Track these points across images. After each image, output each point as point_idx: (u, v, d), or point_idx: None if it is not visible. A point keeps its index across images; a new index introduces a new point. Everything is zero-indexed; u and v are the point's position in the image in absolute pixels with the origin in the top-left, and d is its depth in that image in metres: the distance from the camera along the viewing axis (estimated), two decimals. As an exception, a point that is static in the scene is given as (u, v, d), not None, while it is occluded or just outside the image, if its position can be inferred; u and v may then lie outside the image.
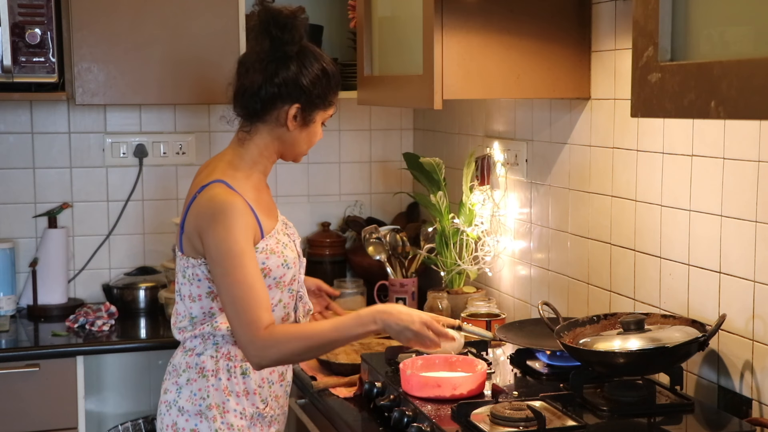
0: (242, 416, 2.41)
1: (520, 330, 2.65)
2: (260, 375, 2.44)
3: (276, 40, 2.42)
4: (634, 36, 1.70)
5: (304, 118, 2.44)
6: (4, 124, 3.62)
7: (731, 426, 2.12)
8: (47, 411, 3.16)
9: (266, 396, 2.46)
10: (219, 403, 2.40)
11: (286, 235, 2.50)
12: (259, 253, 2.36)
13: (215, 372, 2.41)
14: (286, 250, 2.44)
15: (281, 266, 2.40)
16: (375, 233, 3.37)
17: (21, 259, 3.63)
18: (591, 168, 2.73)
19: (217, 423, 2.39)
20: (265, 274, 2.37)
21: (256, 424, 2.45)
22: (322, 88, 2.43)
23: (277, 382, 2.50)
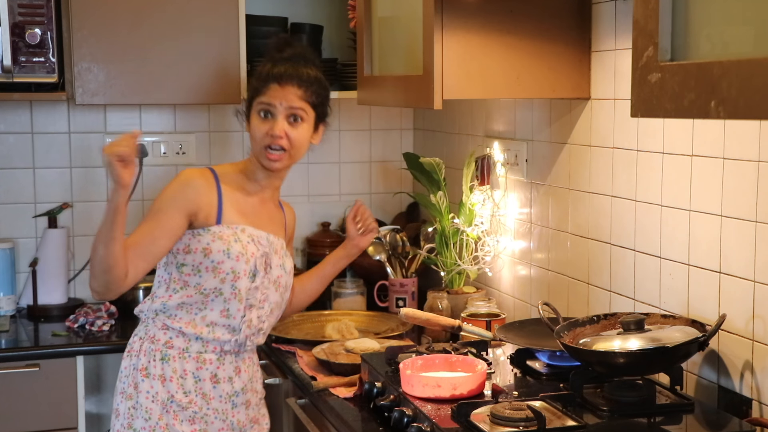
0: (153, 400, 2.54)
1: (520, 330, 2.65)
2: (182, 365, 2.55)
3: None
4: (634, 36, 1.70)
5: (246, 115, 2.65)
6: (4, 124, 3.62)
7: (731, 426, 2.12)
8: (47, 411, 3.16)
9: (190, 389, 2.55)
10: (136, 383, 2.55)
11: (251, 240, 2.57)
12: (208, 234, 2.53)
13: (138, 353, 2.57)
14: (237, 244, 2.54)
15: (221, 252, 2.52)
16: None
17: (21, 259, 3.63)
18: (591, 168, 2.73)
19: (132, 401, 2.55)
20: (206, 254, 2.52)
21: (170, 412, 2.53)
22: (254, 82, 2.64)
23: (207, 380, 2.56)
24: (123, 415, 2.55)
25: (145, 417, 2.52)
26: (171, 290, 2.56)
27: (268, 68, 2.61)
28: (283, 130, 2.55)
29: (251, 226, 2.59)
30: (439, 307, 3.10)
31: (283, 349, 2.99)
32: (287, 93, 2.56)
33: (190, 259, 2.53)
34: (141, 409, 2.53)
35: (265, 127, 2.56)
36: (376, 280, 3.47)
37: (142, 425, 2.52)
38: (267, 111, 2.57)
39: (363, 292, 3.52)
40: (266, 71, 2.61)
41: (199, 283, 2.52)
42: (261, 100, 2.58)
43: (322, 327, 3.17)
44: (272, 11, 3.76)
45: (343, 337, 2.99)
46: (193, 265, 2.53)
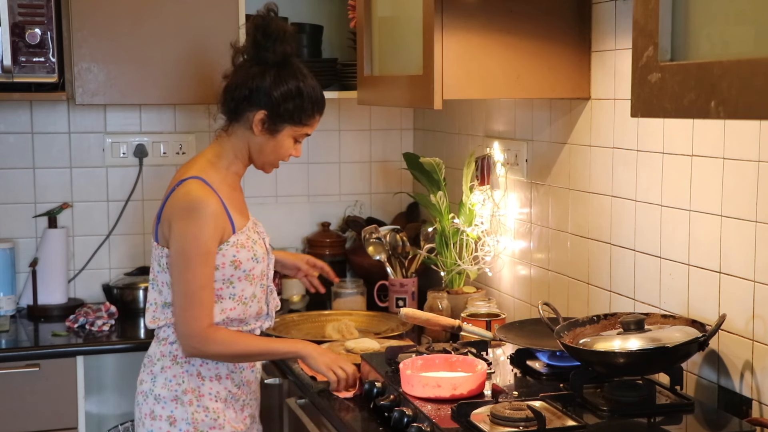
0: (217, 399, 2.56)
1: (520, 330, 2.65)
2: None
3: (259, 46, 2.56)
4: (634, 36, 1.70)
5: (269, 127, 2.56)
6: (4, 124, 3.62)
7: (731, 426, 2.12)
8: (47, 411, 3.16)
9: (239, 381, 2.62)
10: (194, 388, 2.54)
11: (255, 233, 2.64)
12: (230, 246, 2.52)
13: (189, 359, 2.54)
14: (256, 246, 2.59)
15: (251, 260, 2.56)
16: (375, 233, 3.37)
17: (21, 259, 3.63)
18: (591, 168, 2.73)
19: (192, 407, 2.54)
20: (236, 266, 2.53)
21: (230, 407, 2.59)
22: (293, 105, 2.55)
23: (248, 368, 2.65)
24: (183, 420, 2.52)
25: (213, 417, 2.55)
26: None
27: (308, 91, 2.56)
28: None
29: (247, 219, 2.65)
30: (439, 307, 3.10)
31: (283, 349, 2.99)
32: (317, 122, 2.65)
33: (219, 275, 2.52)
34: (207, 411, 2.54)
35: (294, 150, 2.63)
36: (376, 280, 3.47)
37: (211, 425, 2.54)
38: (302, 138, 2.63)
39: (363, 292, 3.52)
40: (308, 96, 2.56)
41: (235, 294, 2.55)
42: (305, 132, 2.61)
43: (322, 327, 3.17)
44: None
45: (343, 337, 2.99)
46: (223, 279, 2.53)
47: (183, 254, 2.46)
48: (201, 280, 2.46)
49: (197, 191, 2.49)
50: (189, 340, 2.47)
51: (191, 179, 2.52)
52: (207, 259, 2.47)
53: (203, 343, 2.46)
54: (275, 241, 3.55)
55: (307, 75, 2.60)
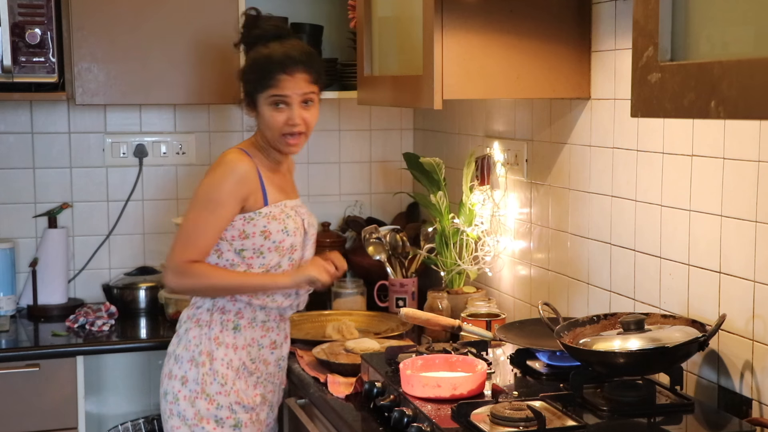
0: (229, 366, 2.66)
1: (520, 330, 2.65)
2: (251, 334, 2.69)
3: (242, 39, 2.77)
4: (634, 36, 1.70)
5: (249, 104, 2.70)
6: (4, 124, 3.62)
7: (731, 426, 2.12)
8: (47, 411, 3.16)
9: (255, 356, 2.71)
10: (209, 351, 2.65)
11: (294, 211, 2.72)
12: (262, 217, 2.64)
13: (209, 323, 2.67)
14: (288, 220, 2.68)
15: (281, 231, 2.66)
16: (375, 233, 3.37)
17: (21, 259, 3.63)
18: (591, 168, 2.73)
19: (205, 368, 2.65)
20: (266, 236, 2.64)
21: (242, 377, 2.68)
22: (253, 74, 2.67)
23: (267, 347, 2.73)
24: (194, 381, 2.65)
25: (221, 382, 2.64)
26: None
27: (265, 56, 2.66)
28: (301, 117, 2.66)
29: (287, 198, 2.74)
30: (439, 307, 3.10)
31: (283, 349, 2.99)
32: (298, 81, 2.65)
33: (249, 244, 2.64)
34: (216, 375, 2.64)
35: (282, 117, 2.65)
36: (376, 280, 3.47)
37: (218, 390, 2.64)
38: (280, 102, 2.65)
39: (363, 292, 3.52)
40: (265, 60, 2.66)
41: (263, 263, 2.66)
42: (272, 93, 2.64)
43: (322, 327, 3.17)
44: (272, 11, 3.73)
45: (343, 337, 2.99)
46: (254, 248, 2.64)
47: (195, 196, 2.65)
48: (200, 223, 2.60)
49: (231, 154, 2.67)
50: (168, 271, 2.64)
51: (232, 148, 2.71)
52: (215, 207, 2.59)
53: (179, 275, 2.61)
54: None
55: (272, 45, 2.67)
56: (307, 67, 2.66)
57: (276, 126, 2.66)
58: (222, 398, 2.65)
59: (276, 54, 2.66)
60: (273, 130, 2.67)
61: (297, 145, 2.69)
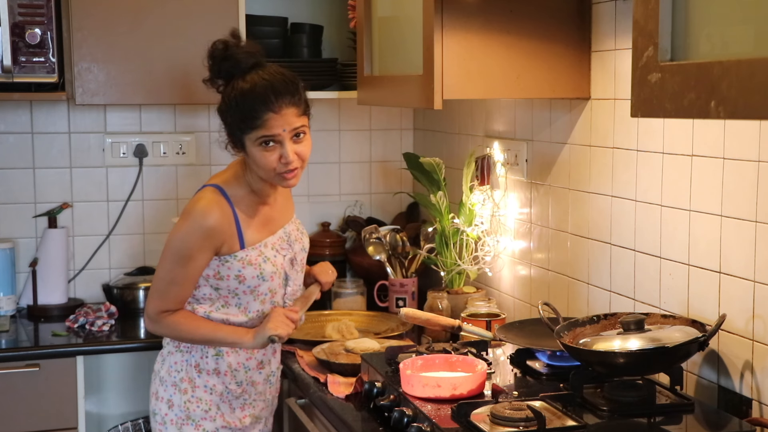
0: (211, 392, 2.61)
1: (520, 330, 2.65)
2: (235, 359, 2.63)
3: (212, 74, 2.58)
4: (634, 36, 1.70)
5: (236, 146, 2.54)
6: (4, 124, 3.62)
7: (731, 426, 2.12)
8: (47, 411, 3.16)
9: (242, 379, 2.65)
10: (191, 378, 2.61)
11: (275, 251, 2.61)
12: (237, 261, 2.54)
13: (190, 349, 2.62)
14: (266, 264, 2.58)
15: (256, 277, 2.57)
16: (375, 233, 3.37)
17: (21, 259, 3.63)
18: (591, 168, 2.73)
19: (187, 395, 2.61)
20: (240, 281, 2.56)
21: (226, 401, 2.63)
22: (236, 116, 2.49)
23: (255, 368, 2.67)
24: (178, 407, 2.62)
25: (204, 408, 2.61)
26: (214, 308, 2.61)
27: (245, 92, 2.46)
28: (294, 153, 2.49)
29: (270, 234, 2.63)
30: (439, 307, 3.10)
31: (283, 349, 2.99)
32: (286, 117, 2.47)
33: (224, 285, 2.58)
34: (199, 401, 2.61)
35: (274, 155, 2.48)
36: (376, 280, 3.47)
37: (202, 416, 2.61)
38: (270, 141, 2.48)
39: (363, 292, 3.52)
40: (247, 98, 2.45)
41: (240, 304, 2.60)
42: (261, 135, 2.46)
43: (322, 327, 3.17)
44: (272, 11, 3.76)
45: (343, 337, 2.99)
46: (228, 289, 2.58)
47: (167, 246, 2.56)
48: (171, 276, 2.54)
49: (204, 201, 2.53)
50: (145, 317, 2.62)
51: (210, 187, 2.57)
52: (186, 262, 2.52)
53: (154, 323, 2.58)
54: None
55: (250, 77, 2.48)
56: (293, 98, 2.47)
57: (269, 166, 2.48)
58: (208, 423, 2.61)
59: (258, 89, 2.45)
60: (266, 171, 2.50)
61: (294, 177, 2.52)
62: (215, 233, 2.51)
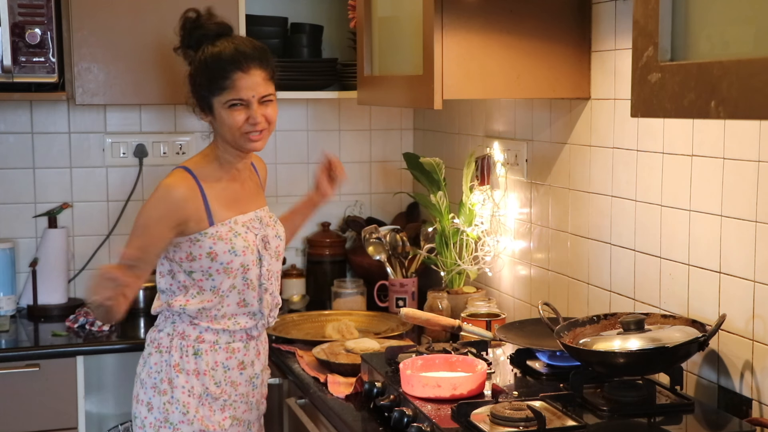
0: (190, 394, 2.58)
1: (520, 330, 2.65)
2: (213, 358, 2.60)
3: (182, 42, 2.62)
4: (634, 36, 1.70)
5: (204, 109, 2.58)
6: (4, 124, 3.62)
7: (731, 426, 2.12)
8: (47, 411, 3.16)
9: (220, 379, 2.62)
10: (170, 379, 2.58)
11: (246, 227, 2.61)
12: (207, 237, 2.54)
13: (169, 349, 2.60)
14: (237, 239, 2.57)
15: (228, 252, 2.55)
16: (375, 233, 3.37)
17: (21, 259, 3.63)
18: (591, 168, 2.73)
19: (167, 396, 2.58)
20: (212, 258, 2.54)
21: (205, 404, 2.60)
22: (204, 77, 2.54)
23: (235, 368, 2.64)
24: (158, 409, 2.59)
25: (182, 411, 2.58)
26: (189, 296, 2.59)
27: (215, 54, 2.52)
28: (262, 115, 2.54)
29: (240, 213, 2.62)
30: (439, 307, 3.10)
31: (283, 349, 2.99)
32: (254, 79, 2.52)
33: (197, 266, 2.56)
34: (178, 403, 2.58)
35: (241, 116, 2.53)
36: (376, 280, 3.47)
37: (180, 419, 2.58)
38: (238, 104, 2.52)
39: (363, 292, 3.52)
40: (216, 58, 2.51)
41: (215, 286, 2.57)
42: (230, 97, 2.51)
43: (322, 327, 3.17)
44: (272, 11, 3.76)
45: (343, 337, 2.99)
46: (202, 270, 2.56)
47: (133, 223, 2.59)
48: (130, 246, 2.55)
49: (169, 179, 2.57)
50: None
51: (176, 169, 2.61)
52: (143, 231, 2.54)
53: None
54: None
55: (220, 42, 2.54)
56: (262, 63, 2.53)
57: (236, 126, 2.52)
58: (185, 427, 2.57)
59: (227, 50, 2.52)
60: (233, 131, 2.53)
61: (260, 140, 2.55)
62: (179, 206, 2.51)
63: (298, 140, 3.90)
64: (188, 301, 2.58)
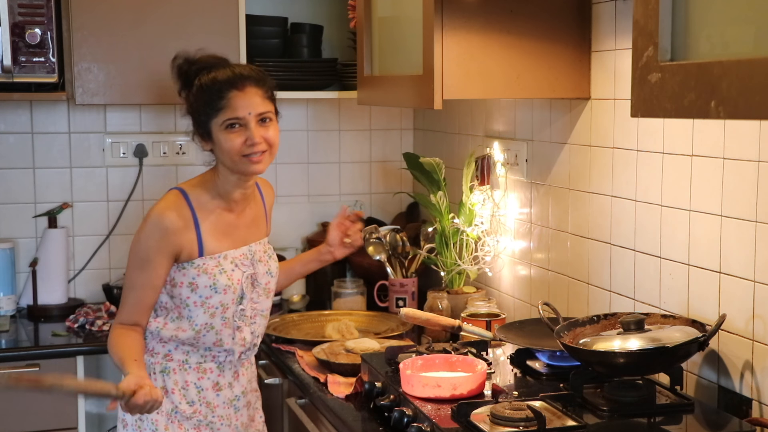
0: (158, 411, 2.46)
1: (520, 330, 2.65)
2: (183, 377, 2.56)
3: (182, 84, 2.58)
4: (634, 36, 1.70)
5: (203, 136, 2.52)
6: (4, 124, 3.62)
7: (731, 426, 2.12)
8: (47, 411, 3.16)
9: (193, 399, 2.56)
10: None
11: (234, 265, 2.55)
12: (193, 268, 2.50)
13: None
14: (221, 276, 2.52)
15: (209, 287, 2.51)
16: (375, 233, 3.37)
17: (21, 259, 3.63)
18: (591, 168, 2.73)
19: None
20: (192, 289, 2.51)
21: (174, 422, 2.54)
22: (201, 101, 2.49)
23: (210, 389, 2.58)
24: (131, 425, 2.55)
25: (152, 428, 2.54)
26: (168, 319, 2.55)
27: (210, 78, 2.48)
28: (260, 136, 2.46)
29: (232, 248, 2.56)
30: (439, 307, 3.10)
31: (283, 349, 2.99)
32: (250, 97, 2.46)
33: (178, 293, 2.52)
34: (147, 420, 2.53)
35: (240, 138, 2.45)
36: (376, 280, 3.47)
37: None
38: (235, 124, 2.46)
39: (363, 292, 3.52)
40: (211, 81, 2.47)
41: (191, 317, 2.53)
42: (226, 118, 2.45)
43: (322, 327, 3.17)
44: (272, 11, 3.76)
45: (343, 337, 2.99)
46: (181, 298, 2.52)
47: (130, 256, 2.54)
48: (130, 281, 2.51)
49: (163, 203, 2.52)
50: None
51: (173, 190, 2.56)
52: (142, 264, 2.49)
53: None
54: (275, 241, 3.55)
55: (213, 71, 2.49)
56: (258, 82, 2.48)
57: (234, 149, 2.45)
58: None
59: (222, 74, 2.47)
60: (232, 154, 2.46)
61: (261, 162, 2.47)
62: (172, 234, 2.47)
63: (298, 140, 3.90)
64: (166, 324, 2.54)
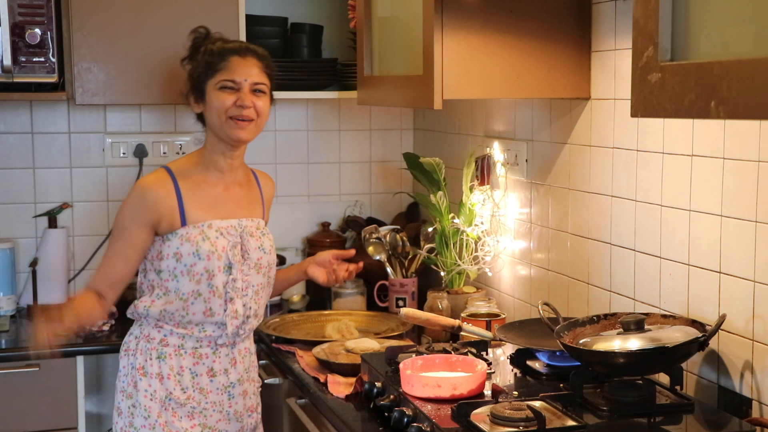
0: (152, 398, 2.55)
1: (520, 330, 2.65)
2: (179, 362, 2.58)
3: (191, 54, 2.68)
4: (634, 36, 1.70)
5: (197, 96, 2.60)
6: (4, 124, 3.62)
7: (731, 426, 2.12)
8: (47, 411, 3.16)
9: (187, 385, 2.58)
10: (135, 382, 2.57)
11: (219, 233, 2.58)
12: (177, 238, 2.54)
13: (134, 352, 2.60)
14: (205, 242, 2.55)
15: (192, 254, 2.54)
16: (375, 233, 3.37)
17: (21, 259, 3.63)
18: (591, 168, 2.73)
19: (132, 400, 2.57)
20: (177, 258, 2.54)
21: (168, 409, 2.57)
22: (201, 65, 2.59)
23: (204, 374, 2.60)
24: (125, 413, 2.58)
25: (144, 415, 2.55)
26: (154, 296, 2.59)
27: (218, 46, 2.61)
28: (251, 101, 2.57)
29: (218, 218, 2.60)
30: (439, 307, 3.10)
31: (283, 349, 2.99)
32: (249, 66, 2.58)
33: (165, 265, 2.56)
34: (140, 407, 2.56)
35: (231, 98, 2.56)
36: (376, 280, 3.47)
37: (142, 423, 2.56)
38: (229, 87, 2.57)
39: (363, 292, 3.52)
40: (218, 48, 2.60)
41: (178, 288, 2.55)
42: (223, 78, 2.56)
43: (322, 327, 3.17)
44: (272, 11, 3.76)
45: (343, 337, 2.99)
46: (168, 270, 2.56)
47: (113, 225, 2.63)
48: (109, 251, 2.60)
49: (147, 178, 2.63)
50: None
51: (159, 168, 2.65)
52: (118, 233, 2.57)
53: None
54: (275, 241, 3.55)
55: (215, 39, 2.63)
56: (261, 58, 2.61)
57: (223, 107, 2.55)
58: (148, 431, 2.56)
59: (231, 44, 2.62)
60: (220, 112, 2.55)
61: (246, 128, 2.56)
62: (152, 205, 2.53)
63: (298, 140, 3.90)
64: (153, 302, 2.57)
